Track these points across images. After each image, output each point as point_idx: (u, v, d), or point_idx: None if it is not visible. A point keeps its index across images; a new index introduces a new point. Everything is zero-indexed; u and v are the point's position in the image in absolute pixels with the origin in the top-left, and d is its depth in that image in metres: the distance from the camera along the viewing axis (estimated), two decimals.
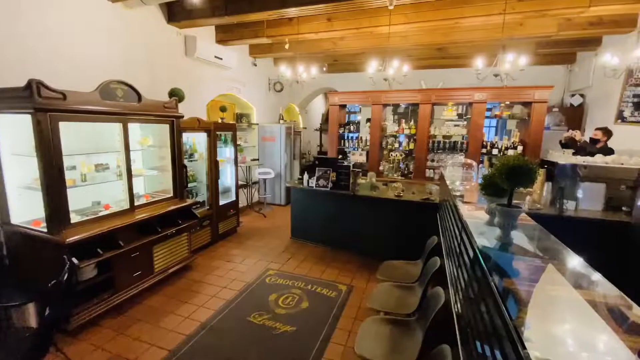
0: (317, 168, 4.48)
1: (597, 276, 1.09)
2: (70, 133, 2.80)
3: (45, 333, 2.06)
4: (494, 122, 7.33)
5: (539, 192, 3.33)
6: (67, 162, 2.75)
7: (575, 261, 1.24)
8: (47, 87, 2.51)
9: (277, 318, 3.02)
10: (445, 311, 1.78)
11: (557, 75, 6.51)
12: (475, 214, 1.97)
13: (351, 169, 4.38)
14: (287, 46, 5.55)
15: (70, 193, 2.79)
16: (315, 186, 4.45)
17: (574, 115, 6.02)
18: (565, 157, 3.36)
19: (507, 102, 5.70)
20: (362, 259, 4.35)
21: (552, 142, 5.33)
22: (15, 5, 2.98)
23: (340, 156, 6.85)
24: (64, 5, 3.36)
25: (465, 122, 5.99)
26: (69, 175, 2.81)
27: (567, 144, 4.58)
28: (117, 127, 3.19)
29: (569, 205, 3.04)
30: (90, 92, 2.84)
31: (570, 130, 4.70)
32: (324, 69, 7.40)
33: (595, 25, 4.44)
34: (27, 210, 2.93)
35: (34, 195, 2.76)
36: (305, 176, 4.60)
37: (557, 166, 3.19)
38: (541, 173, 3.27)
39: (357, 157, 6.69)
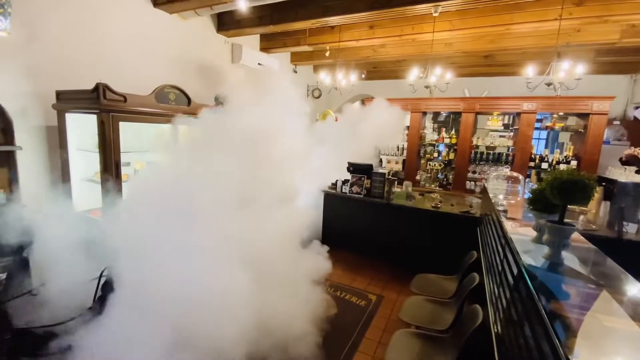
0: (351, 174, 4.47)
1: None
2: (126, 132, 3.06)
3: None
4: (544, 133, 6.85)
5: (595, 212, 3.05)
6: (123, 158, 3.01)
7: (635, 289, 1.13)
8: (111, 90, 2.77)
9: None
10: (483, 331, 1.69)
11: (619, 85, 5.95)
12: (520, 231, 1.86)
13: (387, 176, 4.31)
14: (327, 54, 5.65)
15: (125, 187, 3.04)
16: (349, 192, 4.43)
17: (637, 129, 5.47)
18: (627, 175, 3.06)
19: (561, 113, 5.31)
20: (394, 269, 4.24)
21: (611, 158, 4.86)
22: (87, 18, 3.33)
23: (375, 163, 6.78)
24: (128, 18, 3.70)
25: (511, 133, 5.67)
26: (124, 171, 3.07)
27: (628, 161, 4.16)
28: (167, 128, 3.43)
29: (630, 228, 2.76)
30: (147, 95, 3.10)
31: (632, 147, 4.28)
32: (363, 76, 7.39)
33: None
34: (88, 200, 3.23)
35: (94, 187, 3.04)
36: (339, 182, 4.61)
37: (617, 184, 2.90)
38: (599, 191, 3.00)
39: (393, 165, 6.58)
